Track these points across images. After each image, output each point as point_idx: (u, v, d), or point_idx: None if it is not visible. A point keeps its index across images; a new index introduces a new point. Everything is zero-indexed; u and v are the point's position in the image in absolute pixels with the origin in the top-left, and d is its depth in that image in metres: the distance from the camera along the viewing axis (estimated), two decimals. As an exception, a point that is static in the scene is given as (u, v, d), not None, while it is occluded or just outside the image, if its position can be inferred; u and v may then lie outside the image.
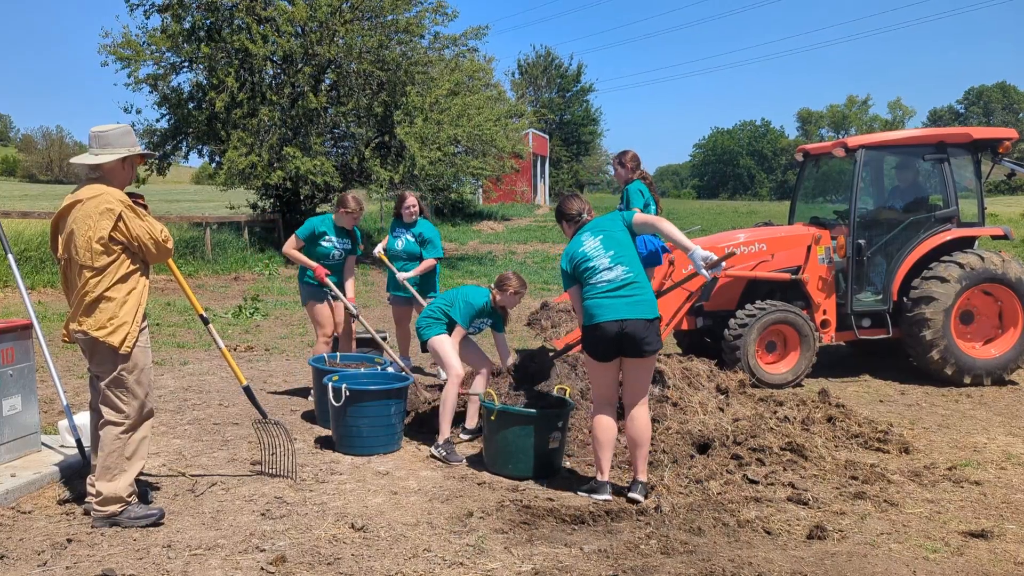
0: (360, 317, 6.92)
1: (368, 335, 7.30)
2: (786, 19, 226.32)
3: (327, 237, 6.89)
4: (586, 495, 4.76)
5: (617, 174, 7.43)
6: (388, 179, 18.69)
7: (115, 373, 4.16)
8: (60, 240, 4.26)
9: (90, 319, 4.12)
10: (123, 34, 17.93)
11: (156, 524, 4.18)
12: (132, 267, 4.21)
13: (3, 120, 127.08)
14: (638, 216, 4.81)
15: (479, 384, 5.86)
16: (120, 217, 4.09)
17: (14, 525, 4.17)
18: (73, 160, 4.44)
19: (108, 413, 4.20)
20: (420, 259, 7.46)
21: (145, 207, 4.43)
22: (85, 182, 4.26)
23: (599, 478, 4.80)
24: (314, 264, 6.77)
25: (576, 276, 4.77)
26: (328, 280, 6.75)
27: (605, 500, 4.66)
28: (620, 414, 4.94)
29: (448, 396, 5.56)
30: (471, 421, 5.92)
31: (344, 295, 6.90)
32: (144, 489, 4.49)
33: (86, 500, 4.30)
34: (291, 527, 4.21)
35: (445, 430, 5.54)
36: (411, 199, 7.60)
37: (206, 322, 5.02)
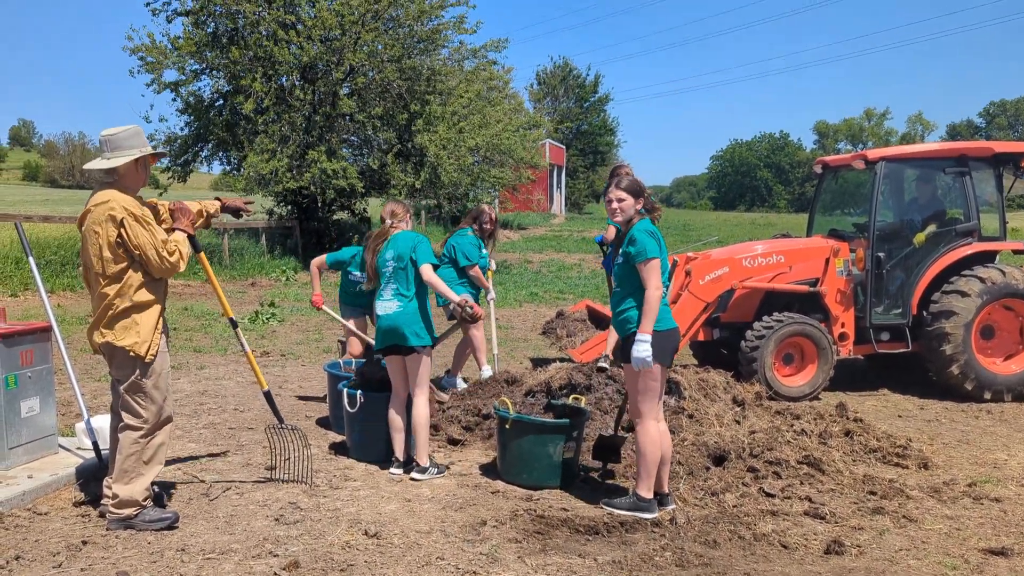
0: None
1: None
2: (804, 32, 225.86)
3: (352, 274, 6.93)
4: (630, 513, 4.54)
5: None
6: (410, 185, 18.77)
7: (134, 378, 4.18)
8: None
9: (112, 328, 4.16)
10: (148, 35, 18.14)
11: (170, 528, 4.19)
12: (148, 274, 4.22)
13: (26, 126, 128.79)
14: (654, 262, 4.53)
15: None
16: (122, 224, 4.07)
17: (30, 526, 4.19)
18: (86, 166, 4.43)
19: (127, 417, 4.23)
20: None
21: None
22: (98, 188, 4.26)
23: (649, 495, 4.61)
24: (316, 291, 6.89)
25: None
26: (324, 307, 6.88)
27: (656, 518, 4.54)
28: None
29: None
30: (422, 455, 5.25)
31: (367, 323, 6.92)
32: (159, 493, 4.50)
33: (102, 502, 4.33)
34: (304, 533, 4.21)
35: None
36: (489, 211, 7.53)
37: (235, 325, 5.06)
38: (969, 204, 8.13)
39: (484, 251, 7.51)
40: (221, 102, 19.40)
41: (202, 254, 4.73)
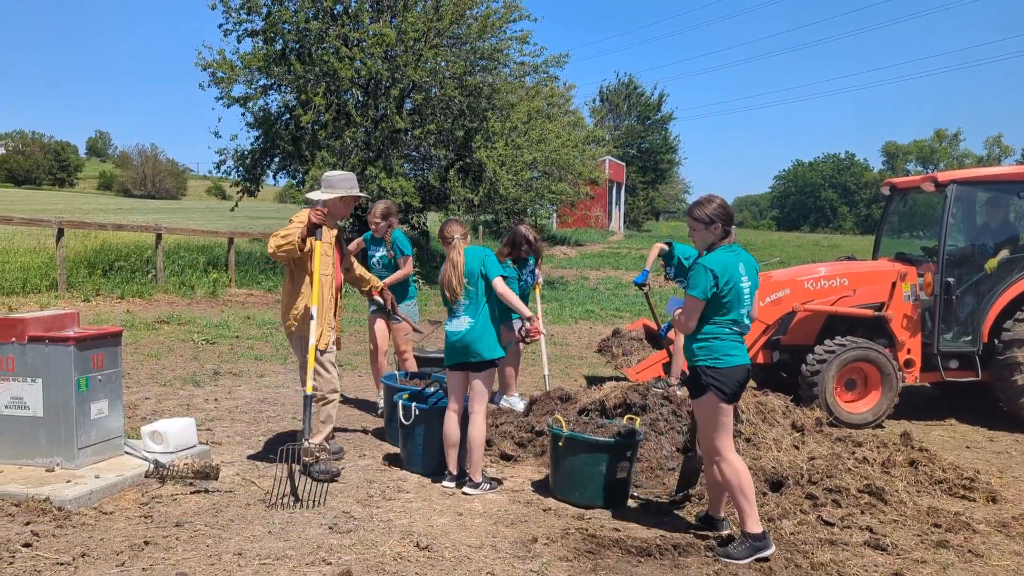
0: (394, 310, 6.53)
1: (429, 354, 7.42)
2: (871, 52, 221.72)
3: (371, 249, 7.11)
4: (750, 559, 4.21)
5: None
6: (468, 200, 18.91)
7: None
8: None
9: (292, 318, 5.33)
10: (219, 52, 18.68)
11: (333, 479, 5.18)
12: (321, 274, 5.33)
13: (103, 137, 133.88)
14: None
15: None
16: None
17: (96, 525, 4.32)
18: (308, 195, 5.77)
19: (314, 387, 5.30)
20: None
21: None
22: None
23: (759, 529, 4.33)
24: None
25: (713, 296, 4.28)
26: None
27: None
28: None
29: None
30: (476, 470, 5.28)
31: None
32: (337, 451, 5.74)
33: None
34: (357, 542, 4.26)
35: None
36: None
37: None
38: (1045, 229, 7.86)
39: (523, 278, 7.51)
40: (287, 116, 19.86)
41: (318, 244, 5.25)
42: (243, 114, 19.60)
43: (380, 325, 7.10)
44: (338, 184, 5.41)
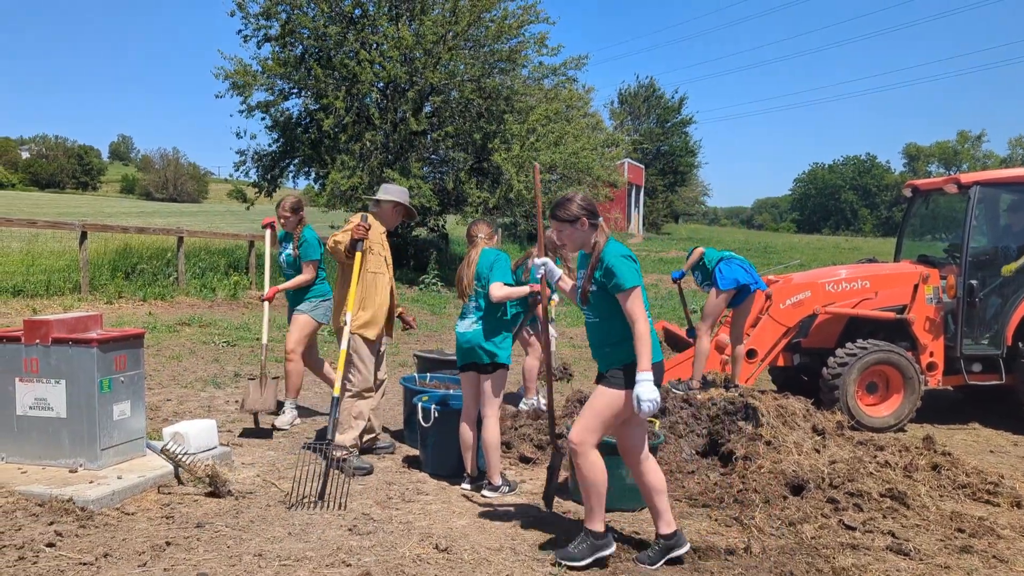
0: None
1: (429, 354, 7.47)
2: (893, 53, 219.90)
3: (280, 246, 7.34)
4: (587, 558, 4.06)
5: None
6: (483, 202, 18.94)
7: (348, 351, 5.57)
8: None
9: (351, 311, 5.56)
10: (237, 60, 18.81)
11: (367, 474, 5.41)
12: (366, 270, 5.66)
13: (125, 141, 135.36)
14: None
15: None
16: None
17: (118, 525, 4.36)
18: (369, 198, 5.73)
19: (345, 382, 5.53)
20: None
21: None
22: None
23: (601, 528, 4.17)
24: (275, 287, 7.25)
25: None
26: (265, 305, 7.21)
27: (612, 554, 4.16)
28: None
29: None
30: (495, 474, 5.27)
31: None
32: (366, 449, 5.92)
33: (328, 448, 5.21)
34: (377, 544, 4.27)
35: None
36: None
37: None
38: (1071, 231, 7.76)
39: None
40: (307, 120, 19.98)
41: (357, 254, 5.53)
42: (263, 118, 19.76)
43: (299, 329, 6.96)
44: (394, 193, 5.87)
